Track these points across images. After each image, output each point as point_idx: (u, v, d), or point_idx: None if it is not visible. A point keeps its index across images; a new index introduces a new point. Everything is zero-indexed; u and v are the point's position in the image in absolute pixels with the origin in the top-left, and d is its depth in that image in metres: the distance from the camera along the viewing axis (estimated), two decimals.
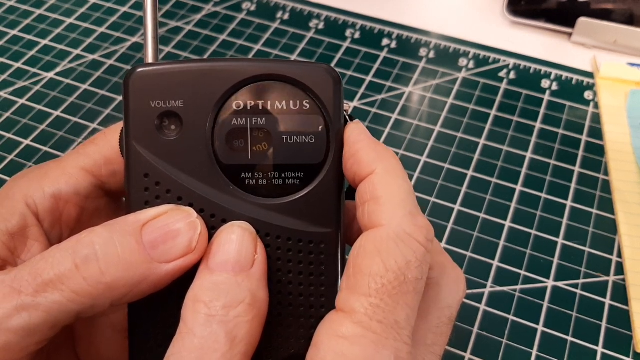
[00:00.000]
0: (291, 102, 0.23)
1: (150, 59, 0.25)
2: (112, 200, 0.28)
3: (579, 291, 0.39)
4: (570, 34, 0.56)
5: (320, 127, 0.23)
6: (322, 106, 0.23)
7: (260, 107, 0.23)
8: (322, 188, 0.23)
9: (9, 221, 0.24)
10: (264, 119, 0.23)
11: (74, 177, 0.26)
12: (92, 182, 0.26)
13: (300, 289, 0.24)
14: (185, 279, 0.23)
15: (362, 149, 0.23)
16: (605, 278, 0.40)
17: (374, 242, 0.21)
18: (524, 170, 0.46)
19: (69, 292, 0.21)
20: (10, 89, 0.51)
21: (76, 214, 0.26)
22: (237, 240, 0.22)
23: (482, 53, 0.55)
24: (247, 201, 0.23)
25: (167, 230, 0.22)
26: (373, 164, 0.23)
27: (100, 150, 0.26)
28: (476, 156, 0.47)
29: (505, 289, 0.39)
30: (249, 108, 0.23)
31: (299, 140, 0.23)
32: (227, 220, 0.23)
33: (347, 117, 0.24)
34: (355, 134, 0.23)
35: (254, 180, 0.23)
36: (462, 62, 0.54)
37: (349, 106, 0.25)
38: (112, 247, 0.21)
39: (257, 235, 0.23)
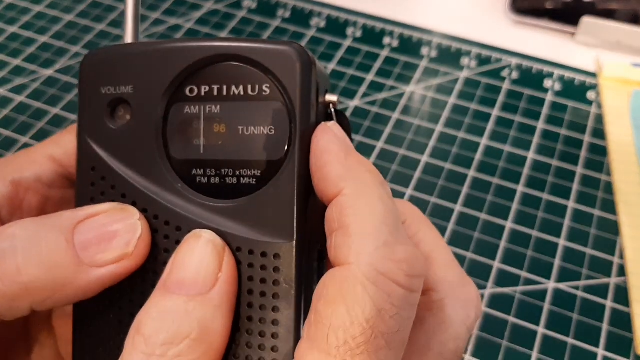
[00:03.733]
0: (249, 86, 0.20)
1: (129, 39, 0.23)
2: None
3: (580, 293, 0.39)
4: (573, 34, 0.56)
5: (282, 117, 0.20)
6: (284, 91, 0.20)
7: (216, 93, 0.20)
8: (278, 190, 0.20)
9: None
10: (218, 106, 0.20)
11: (37, 164, 0.24)
12: (57, 171, 0.25)
13: (249, 312, 0.20)
14: (130, 286, 0.21)
15: (329, 162, 0.19)
16: (606, 280, 0.39)
17: (339, 284, 0.17)
18: (525, 171, 0.45)
19: None
20: (9, 86, 0.51)
21: (38, 202, 0.25)
22: (198, 254, 0.19)
23: (485, 52, 0.54)
24: (196, 202, 0.20)
25: (103, 230, 0.20)
26: (341, 181, 0.19)
27: (74, 140, 0.24)
28: (478, 156, 0.46)
29: (506, 290, 0.39)
30: (203, 94, 0.20)
31: (256, 132, 0.20)
32: (170, 223, 0.20)
33: (333, 111, 0.21)
34: (324, 142, 0.19)
35: (206, 178, 0.20)
36: (464, 61, 0.53)
37: (336, 99, 0.21)
38: (35, 242, 0.19)
39: (225, 248, 0.19)
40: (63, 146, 0.25)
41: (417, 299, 0.19)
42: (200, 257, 0.19)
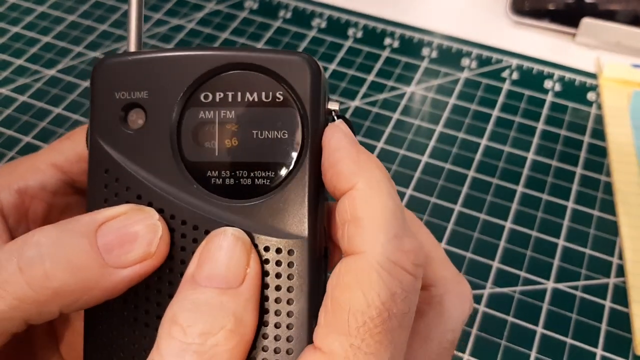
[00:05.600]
0: (263, 93, 0.21)
1: (133, 47, 0.23)
2: (83, 197, 0.27)
3: (579, 293, 0.39)
4: (574, 35, 0.56)
5: (295, 122, 0.21)
6: (296, 98, 0.21)
7: (230, 99, 0.21)
8: (293, 190, 0.21)
9: None
10: (233, 112, 0.21)
11: (41, 172, 0.25)
12: (61, 178, 0.25)
13: (265, 304, 0.21)
14: (146, 284, 0.21)
15: (342, 158, 0.20)
16: (605, 280, 0.40)
17: (354, 272, 0.19)
18: (525, 171, 0.45)
19: (11, 299, 0.19)
20: (12, 86, 0.51)
21: (43, 210, 0.25)
22: (227, 250, 0.20)
23: (485, 53, 0.54)
24: (211, 202, 0.21)
25: (124, 232, 0.20)
26: (354, 177, 0.20)
27: (75, 147, 0.25)
28: (477, 157, 0.46)
29: (505, 290, 0.39)
30: (217, 100, 0.21)
31: (270, 136, 0.21)
32: (187, 222, 0.21)
33: (335, 117, 0.23)
34: (336, 140, 0.21)
35: (221, 180, 0.21)
36: (465, 62, 0.54)
37: (337, 105, 0.22)
38: (60, 248, 0.19)
39: (252, 244, 0.20)
40: (64, 153, 0.25)
41: (420, 285, 0.20)
42: (230, 253, 0.20)
